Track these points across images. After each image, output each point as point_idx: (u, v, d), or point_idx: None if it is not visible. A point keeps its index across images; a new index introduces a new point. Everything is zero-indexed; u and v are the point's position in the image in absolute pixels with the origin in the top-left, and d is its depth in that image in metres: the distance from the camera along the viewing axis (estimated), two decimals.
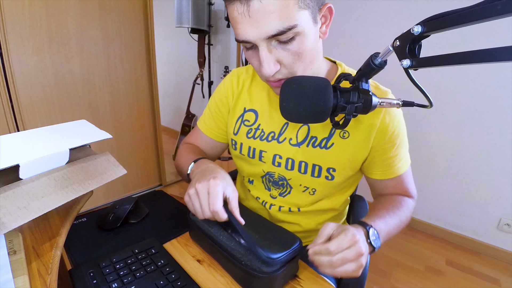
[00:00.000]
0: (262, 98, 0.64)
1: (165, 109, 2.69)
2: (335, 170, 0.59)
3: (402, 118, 0.59)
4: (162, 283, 0.45)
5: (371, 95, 0.42)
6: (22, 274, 0.36)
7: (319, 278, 0.51)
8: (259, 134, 0.64)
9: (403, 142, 0.60)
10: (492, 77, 1.44)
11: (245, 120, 0.66)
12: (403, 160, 0.61)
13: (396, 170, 0.60)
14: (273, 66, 0.46)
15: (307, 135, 0.59)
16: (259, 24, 0.42)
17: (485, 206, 1.59)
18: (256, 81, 0.66)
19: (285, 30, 0.42)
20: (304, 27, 0.44)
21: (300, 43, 0.45)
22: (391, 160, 0.59)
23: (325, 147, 0.58)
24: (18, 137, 0.49)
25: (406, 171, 0.62)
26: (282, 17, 0.41)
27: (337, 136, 0.58)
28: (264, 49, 0.45)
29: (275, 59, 0.47)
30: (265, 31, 0.43)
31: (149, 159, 1.94)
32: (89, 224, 0.63)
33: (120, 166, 0.53)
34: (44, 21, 1.29)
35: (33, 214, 0.39)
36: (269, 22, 0.42)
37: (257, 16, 0.41)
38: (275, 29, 0.42)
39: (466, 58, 0.29)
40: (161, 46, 2.27)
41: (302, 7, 0.43)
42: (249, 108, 0.66)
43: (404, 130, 0.60)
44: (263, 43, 0.44)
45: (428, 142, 1.70)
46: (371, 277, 1.43)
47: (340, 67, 0.60)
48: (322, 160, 0.59)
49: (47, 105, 1.40)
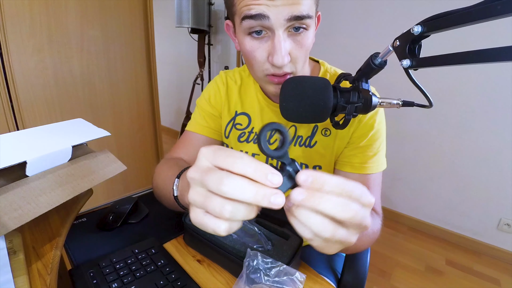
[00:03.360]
0: (253, 101, 0.63)
1: (165, 109, 2.69)
2: (321, 168, 0.59)
3: (382, 113, 0.58)
4: (162, 283, 0.45)
5: (371, 95, 0.42)
6: (22, 274, 0.36)
7: (319, 278, 0.51)
8: (252, 137, 0.63)
9: (378, 137, 0.57)
10: (492, 77, 1.44)
11: (237, 124, 0.65)
12: (374, 161, 0.56)
13: (363, 166, 0.56)
14: (286, 55, 0.44)
15: (294, 135, 0.60)
16: (289, 1, 0.40)
17: (485, 206, 1.59)
18: (245, 84, 0.65)
19: (306, 16, 0.42)
20: (313, 22, 0.45)
21: (307, 37, 0.45)
22: (361, 150, 0.56)
23: (309, 145, 0.59)
24: (18, 136, 0.50)
25: (374, 175, 0.56)
26: (307, 3, 0.42)
27: (319, 134, 0.58)
28: (281, 35, 0.43)
29: (288, 49, 0.45)
30: (291, 10, 0.41)
31: (149, 159, 1.94)
32: (89, 224, 0.63)
33: (120, 162, 0.54)
34: (44, 21, 1.29)
35: (42, 209, 0.39)
36: (299, 1, 0.41)
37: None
38: (301, 10, 0.41)
39: (466, 58, 0.29)
40: (161, 46, 2.27)
41: (315, 3, 0.44)
42: (241, 112, 0.64)
43: (383, 126, 0.58)
44: (281, 28, 0.42)
45: (428, 142, 1.70)
46: (371, 277, 1.43)
47: (323, 66, 0.60)
48: (308, 159, 0.59)
49: (47, 105, 1.39)
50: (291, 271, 0.42)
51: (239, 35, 0.48)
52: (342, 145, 0.58)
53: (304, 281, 0.41)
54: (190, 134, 0.67)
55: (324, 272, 0.64)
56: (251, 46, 0.46)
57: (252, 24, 0.43)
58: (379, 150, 0.57)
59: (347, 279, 0.61)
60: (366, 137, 0.56)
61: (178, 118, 3.09)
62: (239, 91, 0.65)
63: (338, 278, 0.64)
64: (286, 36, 0.44)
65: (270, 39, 0.44)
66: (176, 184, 0.43)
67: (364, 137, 0.56)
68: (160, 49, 2.05)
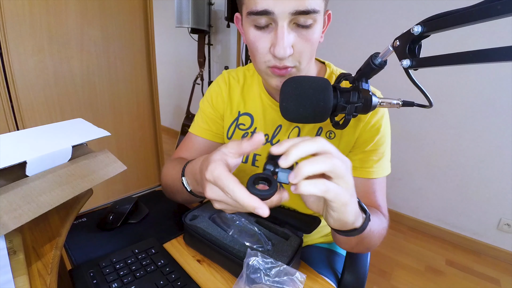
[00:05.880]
0: (255, 101, 0.63)
1: (165, 109, 2.69)
2: None
3: (387, 116, 0.58)
4: (162, 283, 0.45)
5: (371, 95, 0.42)
6: (22, 274, 0.36)
7: (319, 278, 0.51)
8: None
9: (384, 141, 0.57)
10: (492, 77, 1.44)
11: (240, 124, 0.65)
12: (379, 165, 0.57)
13: (369, 171, 0.56)
14: (288, 47, 0.44)
15: (298, 136, 0.59)
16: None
17: (485, 206, 1.59)
18: (249, 83, 0.65)
19: (311, 11, 0.42)
20: (320, 18, 0.45)
21: (313, 33, 0.45)
22: (366, 155, 0.57)
23: None
24: (18, 136, 0.50)
25: (379, 179, 0.57)
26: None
27: (323, 137, 0.58)
28: (284, 26, 0.42)
29: (291, 41, 0.44)
30: (296, 4, 0.40)
31: (149, 159, 1.94)
32: (89, 224, 0.63)
33: (120, 162, 0.54)
34: (44, 21, 1.29)
35: (42, 209, 0.39)
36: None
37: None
38: (306, 5, 0.41)
39: (466, 58, 0.29)
40: (161, 46, 2.27)
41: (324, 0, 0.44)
42: (244, 112, 0.64)
43: (388, 131, 0.58)
44: (285, 20, 0.42)
45: (428, 142, 1.70)
46: (371, 277, 1.43)
47: (328, 68, 0.60)
48: None
49: (47, 105, 1.39)
50: (291, 271, 0.42)
51: (245, 26, 0.48)
52: (347, 148, 0.58)
53: (304, 281, 0.41)
54: (192, 136, 0.69)
55: (324, 272, 0.64)
56: (254, 36, 0.46)
57: (257, 18, 0.43)
58: (384, 155, 0.57)
59: (347, 279, 0.61)
60: (372, 141, 0.56)
61: (178, 118, 3.10)
62: (242, 90, 0.65)
63: (338, 278, 0.64)
64: (291, 29, 0.44)
65: (273, 30, 0.44)
66: (186, 181, 0.48)
67: (370, 142, 0.56)
68: (160, 49, 2.05)
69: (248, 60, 2.17)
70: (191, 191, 0.48)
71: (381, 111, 0.56)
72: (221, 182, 0.32)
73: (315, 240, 0.72)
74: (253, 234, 0.52)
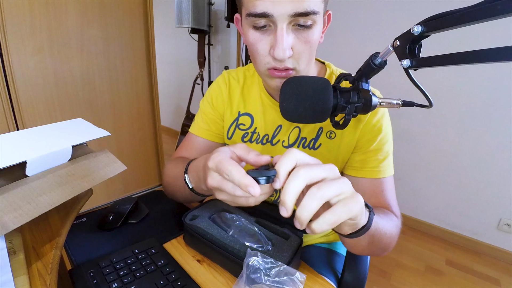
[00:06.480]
0: (255, 101, 0.63)
1: (165, 109, 2.69)
2: None
3: (387, 115, 0.58)
4: (162, 283, 0.45)
5: (371, 95, 0.42)
6: (22, 274, 0.36)
7: (319, 278, 0.51)
8: (255, 137, 0.63)
9: (387, 140, 0.57)
10: (492, 77, 1.44)
11: (240, 124, 0.65)
12: (385, 165, 0.57)
13: (375, 170, 0.56)
14: (287, 49, 0.44)
15: (298, 136, 0.60)
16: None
17: (485, 206, 1.59)
18: (249, 83, 0.65)
19: (311, 12, 0.41)
20: (320, 18, 0.44)
21: (312, 34, 0.45)
22: (371, 154, 0.56)
23: (313, 147, 0.59)
24: (18, 136, 0.50)
25: (387, 178, 0.57)
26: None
27: (324, 137, 0.58)
28: (283, 28, 0.42)
29: (290, 43, 0.44)
30: (295, 7, 0.40)
31: (149, 159, 1.94)
32: (89, 224, 0.63)
33: (120, 162, 0.54)
34: (44, 21, 1.29)
35: (42, 209, 0.39)
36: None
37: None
38: (305, 6, 0.41)
39: (466, 58, 0.29)
40: (161, 46, 2.27)
41: (323, 0, 0.44)
42: (244, 112, 0.64)
43: (390, 130, 0.58)
44: (284, 22, 0.42)
45: (428, 142, 1.70)
46: (371, 277, 1.43)
47: (328, 68, 0.60)
48: None
49: (47, 105, 1.39)
50: (291, 271, 0.42)
51: (244, 27, 0.48)
52: (348, 149, 0.58)
53: (304, 281, 0.41)
54: (192, 136, 0.69)
55: (324, 272, 0.64)
56: (254, 38, 0.46)
57: (256, 19, 0.43)
58: (388, 154, 0.57)
59: (347, 279, 0.61)
60: (375, 141, 0.56)
61: (178, 118, 3.10)
62: (242, 90, 0.65)
63: (338, 278, 0.64)
64: (290, 31, 0.44)
65: (273, 32, 0.44)
66: (188, 178, 0.48)
67: (373, 141, 0.56)
68: (160, 49, 2.05)
69: (248, 60, 2.17)
70: (192, 189, 0.48)
71: (381, 111, 0.57)
72: (222, 165, 0.33)
73: (315, 240, 0.72)
74: (253, 234, 0.52)
